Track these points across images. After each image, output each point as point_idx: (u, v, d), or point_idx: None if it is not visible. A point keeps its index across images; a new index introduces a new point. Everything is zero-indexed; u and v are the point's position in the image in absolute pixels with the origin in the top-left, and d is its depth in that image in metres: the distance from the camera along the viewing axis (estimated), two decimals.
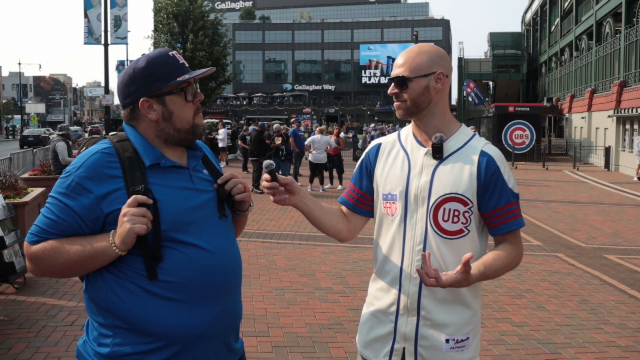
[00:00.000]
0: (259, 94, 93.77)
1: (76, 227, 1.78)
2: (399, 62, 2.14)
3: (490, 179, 2.05)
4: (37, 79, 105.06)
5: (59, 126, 11.58)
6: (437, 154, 2.07)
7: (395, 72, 2.13)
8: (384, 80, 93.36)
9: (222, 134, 23.65)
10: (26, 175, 10.98)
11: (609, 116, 25.64)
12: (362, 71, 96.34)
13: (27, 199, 7.53)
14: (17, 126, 70.46)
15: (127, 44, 25.60)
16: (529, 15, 58.08)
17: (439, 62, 2.12)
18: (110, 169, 1.80)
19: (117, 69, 63.09)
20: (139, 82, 1.86)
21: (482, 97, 41.64)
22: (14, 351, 4.61)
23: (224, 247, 1.91)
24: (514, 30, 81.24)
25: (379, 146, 2.26)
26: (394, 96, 2.14)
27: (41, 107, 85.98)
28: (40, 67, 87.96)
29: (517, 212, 2.09)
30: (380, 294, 2.17)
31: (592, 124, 29.72)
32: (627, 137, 24.09)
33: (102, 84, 25.29)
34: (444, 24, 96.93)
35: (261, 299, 6.07)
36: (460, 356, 2.07)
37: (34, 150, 15.35)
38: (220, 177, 1.97)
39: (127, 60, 53.04)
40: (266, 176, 2.06)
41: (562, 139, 35.70)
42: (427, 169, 2.09)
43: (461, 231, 2.05)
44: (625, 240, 9.86)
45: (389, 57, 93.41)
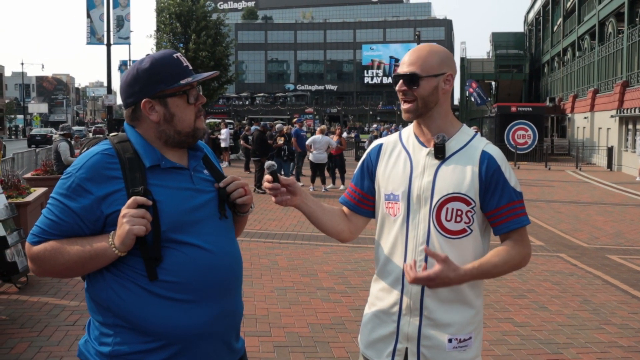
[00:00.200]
0: (262, 94, 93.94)
1: (77, 228, 1.79)
2: (410, 59, 2.11)
3: (491, 178, 2.05)
4: (39, 79, 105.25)
5: (61, 126, 11.60)
6: (440, 154, 2.07)
7: (405, 69, 2.10)
8: (386, 80, 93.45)
9: (225, 134, 23.69)
10: (29, 175, 11.01)
11: (612, 116, 25.60)
12: (365, 71, 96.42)
13: (29, 198, 7.54)
14: (20, 126, 70.57)
15: (129, 44, 25.69)
16: (532, 15, 58.01)
17: (449, 64, 2.12)
18: (110, 170, 1.80)
19: (120, 69, 63.28)
20: (142, 83, 1.86)
21: (484, 97, 41.62)
22: (16, 351, 4.62)
23: (225, 247, 1.91)
24: (517, 30, 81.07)
25: (380, 146, 2.25)
26: (402, 94, 2.11)
27: (44, 107, 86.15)
28: (43, 67, 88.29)
29: (521, 211, 2.07)
30: (382, 295, 2.17)
31: (594, 124, 29.69)
32: (630, 137, 24.06)
33: (105, 84, 25.34)
34: (447, 24, 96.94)
35: (263, 298, 6.07)
36: (462, 356, 2.07)
37: (37, 150, 15.40)
38: (222, 180, 1.97)
39: (129, 60, 53.06)
40: (268, 177, 2.07)
41: (565, 139, 35.66)
42: (430, 169, 2.09)
43: (464, 231, 2.05)
44: (627, 240, 9.84)
45: (391, 57, 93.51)
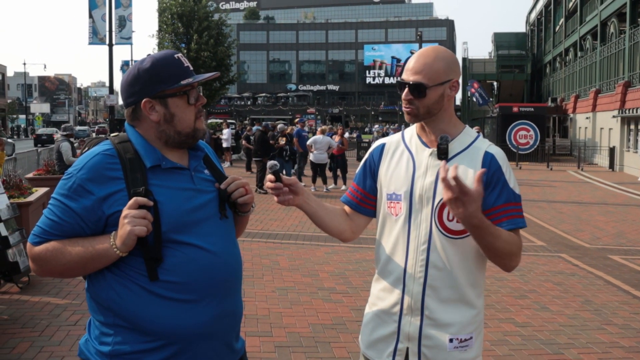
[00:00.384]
0: (263, 94, 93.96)
1: (78, 228, 1.79)
2: (416, 66, 2.07)
3: (492, 177, 2.05)
4: (42, 79, 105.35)
5: (63, 126, 11.62)
6: (442, 154, 2.07)
7: (411, 77, 2.07)
8: (388, 80, 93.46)
9: (226, 134, 23.68)
10: (31, 175, 11.03)
11: (614, 116, 25.58)
12: (367, 71, 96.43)
13: (31, 198, 7.56)
14: (22, 126, 70.64)
15: (131, 44, 25.71)
16: (534, 15, 57.97)
17: (455, 69, 2.10)
18: (111, 170, 1.80)
19: (122, 69, 63.25)
20: (143, 83, 1.86)
21: (486, 98, 41.59)
22: (17, 350, 4.62)
23: (225, 248, 1.91)
24: (519, 30, 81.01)
25: (383, 146, 2.25)
26: (407, 102, 2.09)
27: (46, 107, 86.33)
28: (45, 67, 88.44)
29: (518, 213, 2.05)
30: (383, 294, 2.17)
31: (596, 124, 29.66)
32: (632, 138, 24.03)
33: (107, 84, 25.30)
34: (448, 24, 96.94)
35: (264, 299, 6.07)
36: (463, 356, 2.07)
37: (39, 149, 15.43)
38: (222, 180, 1.98)
39: (131, 60, 53.00)
40: (270, 177, 2.08)
41: (567, 139, 35.64)
42: (432, 169, 2.09)
43: (466, 231, 2.04)
44: (629, 240, 9.83)
45: (393, 58, 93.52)
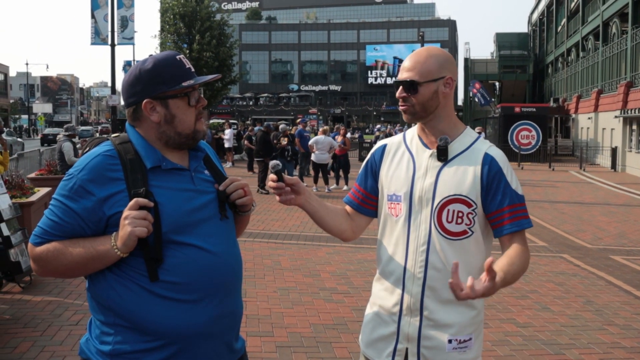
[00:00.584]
0: (265, 95, 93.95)
1: (78, 229, 1.80)
2: (408, 65, 2.12)
3: (492, 179, 2.05)
4: (44, 79, 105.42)
5: (65, 126, 11.63)
6: (442, 156, 2.08)
7: (404, 75, 2.11)
8: (390, 80, 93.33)
9: (228, 134, 23.68)
10: (33, 175, 11.05)
11: (616, 117, 25.54)
12: (368, 72, 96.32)
13: (33, 198, 7.57)
14: (24, 126, 70.71)
15: (133, 44, 25.65)
16: (536, 15, 57.94)
17: (448, 67, 2.12)
18: (112, 171, 1.81)
19: (124, 69, 63.23)
20: (144, 83, 1.87)
21: (488, 98, 41.49)
22: (19, 350, 4.63)
23: (225, 248, 1.92)
24: (521, 30, 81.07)
25: (384, 147, 2.27)
26: (401, 99, 2.13)
27: (48, 107, 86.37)
28: (47, 67, 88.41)
29: (523, 214, 2.06)
30: (384, 294, 2.18)
31: (598, 124, 29.63)
32: (634, 138, 24.00)
33: (109, 84, 25.31)
34: (450, 25, 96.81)
35: (266, 299, 6.08)
36: (462, 357, 2.08)
37: (41, 149, 15.46)
38: (222, 181, 1.98)
39: (133, 60, 53.13)
40: (272, 176, 2.08)
41: (569, 139, 35.62)
42: (432, 170, 2.09)
43: (465, 232, 2.05)
44: (631, 241, 9.83)
45: (395, 58, 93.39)
